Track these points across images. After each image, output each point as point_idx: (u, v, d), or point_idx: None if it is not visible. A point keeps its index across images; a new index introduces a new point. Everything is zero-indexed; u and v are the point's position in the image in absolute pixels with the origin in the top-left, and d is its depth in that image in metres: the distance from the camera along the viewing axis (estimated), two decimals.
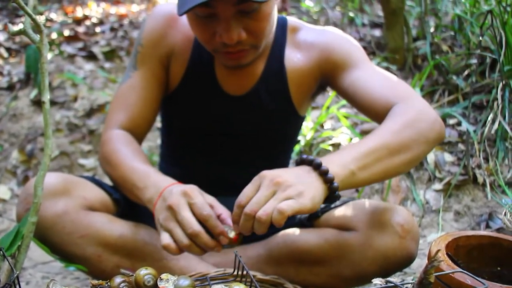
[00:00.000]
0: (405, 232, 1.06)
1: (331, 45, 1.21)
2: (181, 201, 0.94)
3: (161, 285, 0.73)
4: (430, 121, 1.05)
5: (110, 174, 1.16)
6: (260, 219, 0.85)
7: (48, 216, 1.04)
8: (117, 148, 1.16)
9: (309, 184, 0.90)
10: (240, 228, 0.91)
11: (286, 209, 0.84)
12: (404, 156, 1.00)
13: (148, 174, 1.07)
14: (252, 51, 1.12)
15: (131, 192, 1.09)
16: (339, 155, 0.97)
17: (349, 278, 1.11)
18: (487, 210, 1.70)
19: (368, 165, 0.96)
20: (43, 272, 1.51)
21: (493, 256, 1.01)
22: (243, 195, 0.92)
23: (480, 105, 2.09)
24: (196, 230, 0.91)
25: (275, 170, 0.93)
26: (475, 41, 2.26)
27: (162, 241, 0.94)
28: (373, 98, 1.12)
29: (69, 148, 2.40)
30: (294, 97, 1.25)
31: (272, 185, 0.89)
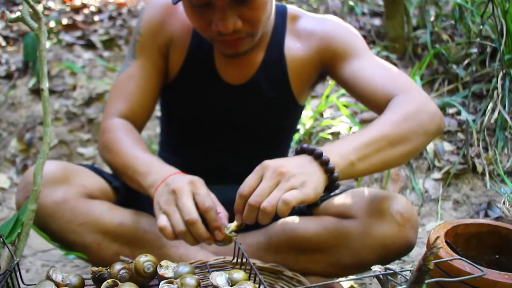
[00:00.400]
0: (404, 220, 1.06)
1: (331, 34, 1.21)
2: (185, 188, 0.94)
3: (161, 272, 0.73)
4: (430, 113, 1.05)
5: (111, 162, 1.16)
6: (265, 210, 0.85)
7: (47, 204, 1.04)
8: (118, 136, 1.15)
9: (311, 174, 0.90)
10: (244, 218, 0.91)
11: (291, 200, 0.84)
12: (403, 148, 1.01)
13: (150, 162, 1.08)
14: (248, 39, 1.12)
15: (132, 178, 1.09)
16: (340, 145, 0.97)
17: (348, 266, 1.11)
18: (486, 199, 1.71)
19: (368, 155, 0.96)
20: (43, 260, 1.51)
21: (492, 244, 1.01)
22: (245, 186, 0.91)
23: (480, 94, 2.09)
24: (194, 218, 0.91)
25: (277, 160, 0.92)
26: (476, 30, 2.25)
27: (159, 223, 0.93)
28: (373, 89, 1.12)
29: (68, 137, 2.40)
30: (293, 86, 1.25)
31: (275, 176, 0.89)
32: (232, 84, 1.24)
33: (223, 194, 1.29)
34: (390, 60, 2.47)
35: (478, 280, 0.79)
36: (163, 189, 0.98)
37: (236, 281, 0.65)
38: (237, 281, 0.65)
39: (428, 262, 0.60)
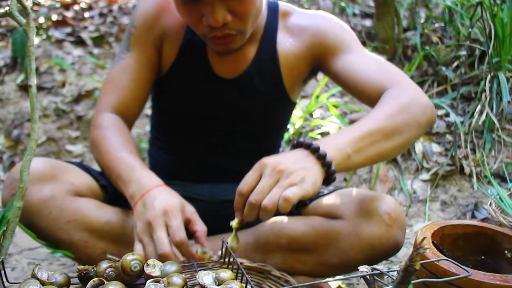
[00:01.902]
0: (392, 220, 1.06)
1: (323, 29, 1.21)
2: (159, 220, 0.96)
3: (147, 270, 0.73)
4: (422, 105, 1.06)
5: (98, 160, 1.17)
6: (266, 208, 0.86)
7: (34, 201, 1.04)
8: (107, 135, 1.15)
9: (309, 169, 0.91)
10: (245, 216, 0.91)
11: (291, 197, 0.85)
12: (397, 140, 1.02)
13: (133, 168, 1.08)
14: (239, 37, 1.12)
15: (116, 182, 1.10)
16: (335, 138, 0.98)
17: (336, 265, 1.11)
18: (473, 200, 1.72)
19: (363, 148, 0.98)
20: (29, 258, 1.50)
21: (478, 245, 1.02)
22: (244, 184, 0.91)
23: (469, 96, 2.10)
24: (167, 253, 0.93)
25: (275, 157, 0.93)
26: (465, 32, 2.27)
27: (134, 251, 0.96)
28: (366, 82, 1.13)
29: (56, 134, 2.38)
30: (286, 80, 1.25)
31: (274, 173, 0.89)
32: (225, 78, 1.24)
33: (216, 193, 1.29)
34: None
35: (463, 280, 0.80)
36: (140, 211, 1.00)
37: (223, 280, 0.65)
38: (224, 281, 0.65)
39: (415, 263, 0.60)
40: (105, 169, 1.14)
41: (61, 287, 0.71)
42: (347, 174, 1.96)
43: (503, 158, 1.82)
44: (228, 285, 0.62)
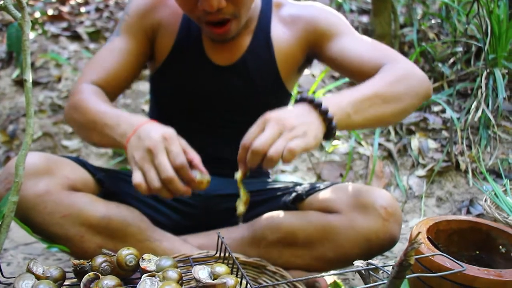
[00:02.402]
0: (388, 214, 1.07)
1: (316, 16, 1.25)
2: (160, 146, 0.95)
3: (143, 265, 0.73)
4: (419, 78, 1.11)
5: (79, 120, 1.14)
6: (272, 158, 0.88)
7: (30, 195, 1.03)
8: (88, 96, 1.15)
9: (311, 123, 0.94)
10: (248, 163, 0.93)
11: (295, 148, 0.88)
12: (395, 106, 1.06)
13: (120, 114, 1.07)
14: (234, 22, 1.14)
15: (102, 133, 1.08)
16: (336, 98, 1.00)
17: (332, 260, 1.12)
18: (469, 196, 1.73)
19: (363, 109, 1.01)
20: (25, 253, 1.50)
21: (473, 240, 1.03)
22: (248, 137, 0.94)
23: (465, 92, 2.11)
24: (171, 176, 0.92)
25: (279, 111, 0.95)
26: (461, 29, 2.27)
27: (134, 179, 0.94)
28: (362, 61, 1.16)
29: (52, 129, 2.37)
30: (281, 68, 1.27)
31: (278, 126, 0.91)
32: (220, 65, 1.26)
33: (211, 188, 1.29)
34: None
35: (458, 275, 0.80)
36: (136, 144, 0.98)
37: (218, 275, 0.65)
38: (219, 275, 0.65)
39: (409, 257, 0.60)
40: (88, 126, 1.11)
41: (57, 281, 0.71)
42: (343, 170, 1.96)
43: (499, 155, 1.83)
44: (223, 280, 0.62)
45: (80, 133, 1.19)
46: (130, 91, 2.57)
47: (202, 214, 1.27)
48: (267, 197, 1.25)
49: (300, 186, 1.25)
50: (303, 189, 1.22)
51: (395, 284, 0.63)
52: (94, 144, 1.18)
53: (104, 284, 0.64)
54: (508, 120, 1.95)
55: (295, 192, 1.22)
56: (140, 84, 2.60)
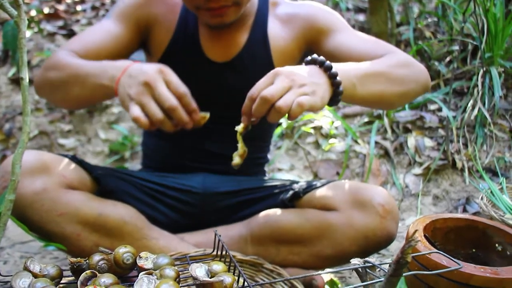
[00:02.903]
0: (386, 212, 1.07)
1: (313, 14, 1.26)
2: (157, 77, 0.94)
3: (140, 263, 0.73)
4: (419, 67, 1.14)
5: (59, 78, 1.11)
6: (281, 109, 0.87)
7: (26, 194, 1.03)
8: (65, 57, 1.13)
9: (320, 84, 0.93)
10: (254, 111, 0.92)
11: (305, 103, 0.87)
12: (398, 88, 1.08)
13: (103, 63, 1.06)
14: (234, 9, 1.14)
15: (84, 84, 1.06)
16: (343, 66, 1.00)
17: (330, 257, 1.12)
18: (465, 194, 1.73)
19: (368, 83, 1.02)
20: (21, 251, 1.49)
21: (469, 238, 1.03)
22: (256, 88, 0.92)
23: (461, 91, 2.11)
24: (174, 105, 0.92)
25: (289, 67, 0.95)
26: (458, 27, 2.27)
27: (133, 113, 0.93)
28: (361, 54, 1.16)
29: (48, 128, 2.37)
30: (277, 66, 1.25)
31: (288, 81, 0.91)
32: (217, 62, 1.26)
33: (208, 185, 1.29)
34: None
35: (454, 273, 0.81)
36: (129, 80, 0.96)
37: (215, 272, 0.65)
38: (216, 273, 0.65)
39: (406, 255, 0.60)
40: (70, 80, 1.09)
41: (54, 279, 0.71)
42: (339, 168, 1.96)
43: (495, 153, 1.84)
44: (220, 278, 0.62)
45: (55, 94, 1.15)
46: None
47: (199, 212, 1.27)
48: (264, 195, 1.25)
49: (297, 184, 1.25)
50: (300, 187, 1.22)
51: (392, 281, 0.64)
52: (73, 102, 1.15)
53: (101, 282, 0.64)
54: (504, 118, 1.96)
55: (292, 190, 1.22)
56: None
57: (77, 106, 1.24)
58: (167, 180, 1.28)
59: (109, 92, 1.02)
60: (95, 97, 1.09)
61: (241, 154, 0.99)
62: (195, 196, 1.26)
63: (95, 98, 1.10)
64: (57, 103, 1.24)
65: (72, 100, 1.14)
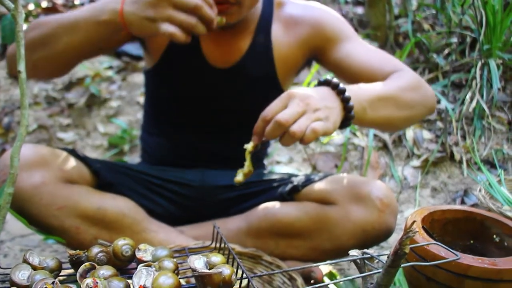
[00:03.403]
0: (384, 206, 1.08)
1: (320, 20, 1.22)
2: None
3: (139, 255, 0.73)
4: (428, 91, 1.15)
5: (39, 33, 1.04)
6: (295, 134, 0.87)
7: (25, 187, 1.03)
8: (46, 17, 1.08)
9: (333, 108, 0.93)
10: (267, 134, 0.91)
11: (319, 130, 0.88)
12: (406, 112, 1.08)
13: (90, 4, 1.03)
14: (236, 9, 1.08)
15: (75, 29, 1.02)
16: (355, 89, 1.00)
17: (328, 250, 1.13)
18: (463, 186, 1.74)
19: (378, 108, 1.02)
20: (21, 245, 1.50)
21: (467, 230, 1.03)
22: (270, 110, 0.92)
23: (459, 83, 2.11)
24: (200, 3, 0.92)
25: (303, 89, 0.94)
26: (456, 20, 2.27)
27: (167, 31, 0.93)
28: (368, 68, 1.15)
29: (47, 122, 2.37)
30: (279, 71, 1.25)
31: (303, 105, 0.90)
32: (218, 68, 1.23)
33: (207, 179, 1.29)
34: None
35: (452, 264, 0.81)
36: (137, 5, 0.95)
37: (214, 264, 0.66)
38: (215, 265, 0.65)
39: (404, 246, 0.61)
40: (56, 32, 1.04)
41: (53, 271, 0.71)
42: (338, 161, 1.97)
43: (493, 145, 1.84)
44: (219, 269, 0.62)
45: (35, 53, 1.05)
46: (125, 83, 2.56)
47: (198, 206, 1.28)
48: (263, 188, 1.25)
49: (296, 177, 1.26)
50: (299, 180, 1.22)
51: (390, 273, 0.64)
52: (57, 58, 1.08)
53: (100, 274, 0.65)
54: (503, 110, 1.96)
55: (291, 183, 1.22)
56: (135, 76, 2.59)
57: (68, 61, 1.12)
58: (166, 174, 1.28)
59: (111, 28, 0.99)
60: (91, 40, 1.03)
61: (246, 173, 0.99)
62: (194, 189, 1.26)
63: (91, 42, 1.04)
64: (40, 67, 1.09)
65: (57, 55, 1.06)
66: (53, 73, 1.18)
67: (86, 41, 1.04)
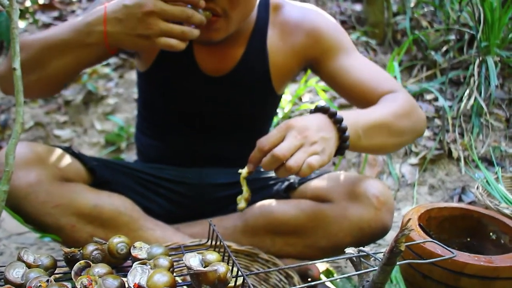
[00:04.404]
0: (381, 203, 1.07)
1: (318, 29, 1.18)
2: (153, 1, 0.91)
3: (134, 253, 0.72)
4: (421, 116, 1.14)
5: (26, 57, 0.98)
6: (291, 169, 0.87)
7: (21, 185, 1.03)
8: (28, 36, 1.04)
9: (329, 140, 0.94)
10: (263, 165, 0.92)
11: (315, 164, 0.88)
12: (397, 140, 1.10)
13: (72, 22, 0.99)
14: (223, 23, 1.05)
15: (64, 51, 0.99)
16: (351, 117, 1.00)
17: (325, 248, 1.12)
18: (461, 184, 1.74)
19: (371, 135, 1.02)
20: (17, 243, 1.49)
21: (464, 227, 1.03)
22: (267, 141, 0.92)
23: (457, 81, 2.11)
24: (190, 11, 0.92)
25: (301, 121, 0.93)
26: (454, 17, 2.27)
27: (166, 45, 0.93)
28: (363, 84, 1.15)
29: (44, 119, 2.36)
30: (274, 79, 1.23)
31: (300, 138, 0.90)
32: (211, 76, 1.20)
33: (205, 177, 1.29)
34: (369, 46, 2.48)
35: (449, 262, 0.81)
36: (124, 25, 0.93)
37: (209, 262, 0.65)
38: (210, 263, 0.65)
39: (400, 244, 0.61)
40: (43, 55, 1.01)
41: (48, 269, 0.71)
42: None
43: (491, 142, 1.84)
44: (214, 267, 0.62)
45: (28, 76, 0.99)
46: (122, 81, 2.56)
47: (195, 204, 1.27)
48: (259, 186, 1.25)
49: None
50: (295, 178, 1.22)
51: (386, 270, 0.64)
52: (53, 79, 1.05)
53: (95, 272, 0.64)
54: (501, 108, 1.96)
55: (287, 181, 1.22)
56: (133, 73, 2.58)
57: (62, 81, 1.10)
58: (163, 172, 1.28)
59: (101, 49, 0.98)
60: (81, 61, 1.02)
61: (246, 198, 0.99)
62: (191, 187, 1.26)
63: (81, 63, 1.03)
64: (35, 89, 1.07)
65: (54, 77, 1.05)
66: (46, 93, 1.18)
67: (76, 63, 1.03)
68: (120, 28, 0.94)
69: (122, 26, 0.93)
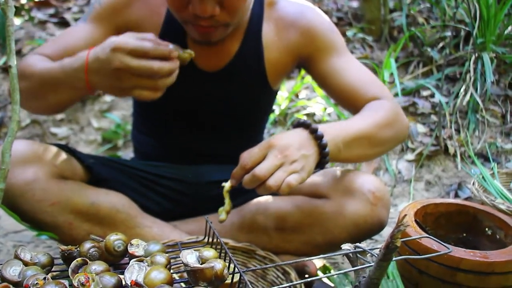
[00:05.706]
0: (377, 199, 1.08)
1: (312, 28, 1.18)
2: (121, 58, 0.92)
3: (131, 250, 0.73)
4: (404, 124, 1.16)
5: (27, 87, 1.05)
6: (271, 188, 0.91)
7: (18, 183, 1.02)
8: (32, 62, 1.09)
9: (309, 157, 0.97)
10: (244, 183, 0.95)
11: (293, 183, 0.92)
12: (378, 150, 1.12)
13: (64, 61, 1.02)
14: (222, 29, 1.07)
15: (58, 89, 1.05)
16: (332, 131, 1.01)
17: (321, 244, 1.13)
18: (457, 180, 1.74)
19: (351, 147, 1.04)
20: (14, 241, 1.49)
21: (460, 223, 1.04)
22: (248, 159, 0.95)
23: (453, 77, 2.11)
24: (156, 68, 0.93)
25: (282, 139, 0.96)
26: (451, 13, 2.27)
27: (139, 96, 0.95)
28: (352, 88, 1.16)
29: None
30: (269, 75, 1.23)
31: (281, 157, 0.93)
32: (206, 72, 1.20)
33: (201, 175, 1.29)
34: (366, 42, 2.48)
35: (445, 257, 0.81)
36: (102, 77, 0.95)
37: (206, 259, 0.66)
38: (207, 259, 0.65)
39: (395, 240, 0.61)
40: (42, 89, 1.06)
41: (45, 267, 0.71)
42: None
43: (487, 138, 1.85)
44: (211, 264, 0.62)
45: (31, 103, 1.11)
46: None
47: (192, 201, 1.27)
48: None
49: None
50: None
51: (382, 266, 0.64)
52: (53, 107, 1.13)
53: (92, 270, 0.64)
54: (496, 104, 1.96)
55: None
56: None
57: (59, 110, 1.18)
58: (160, 169, 1.28)
59: (86, 93, 1.03)
60: (74, 98, 1.09)
61: (228, 210, 1.02)
62: (188, 185, 1.26)
63: (75, 99, 1.10)
64: (37, 111, 1.22)
65: (52, 106, 1.12)
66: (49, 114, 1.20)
67: (69, 99, 1.09)
68: (98, 79, 0.96)
69: (100, 77, 0.96)
